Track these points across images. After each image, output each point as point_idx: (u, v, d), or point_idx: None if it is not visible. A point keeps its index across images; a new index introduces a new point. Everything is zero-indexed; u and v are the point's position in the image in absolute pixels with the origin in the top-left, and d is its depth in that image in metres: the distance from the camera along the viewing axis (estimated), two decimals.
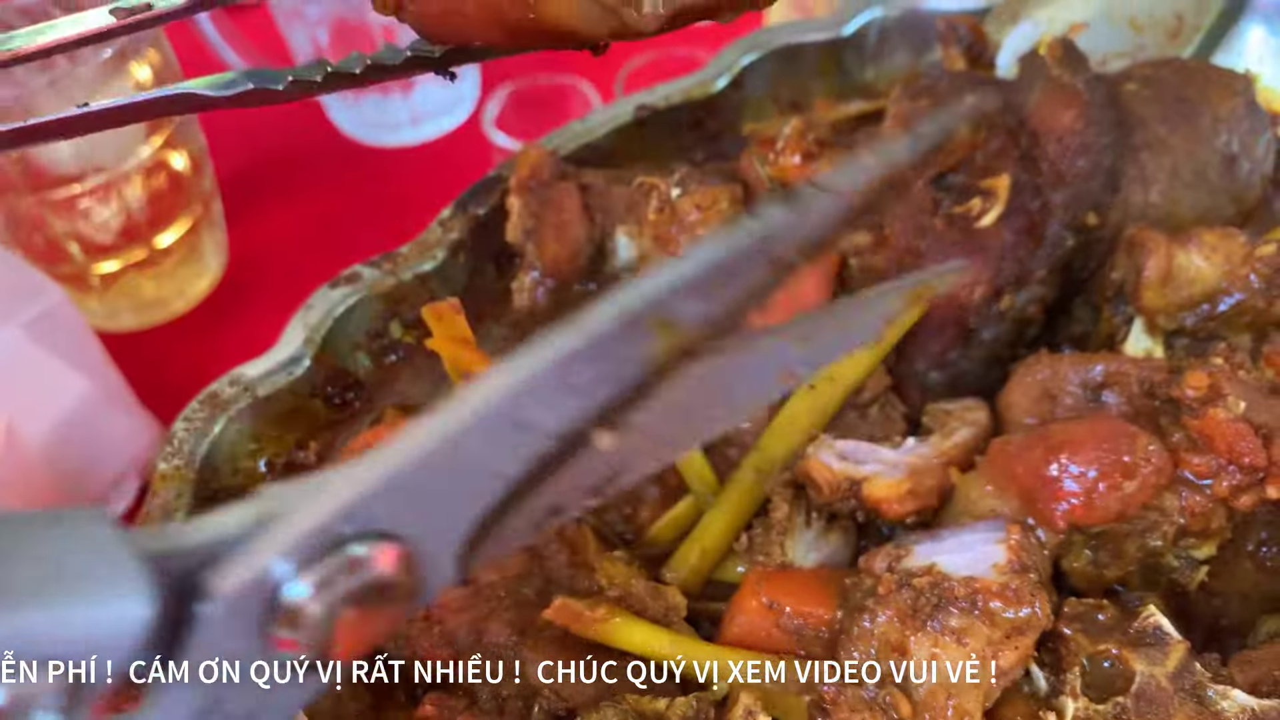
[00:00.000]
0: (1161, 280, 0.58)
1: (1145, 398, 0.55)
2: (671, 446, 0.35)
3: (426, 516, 0.28)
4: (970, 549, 0.50)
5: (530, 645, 0.50)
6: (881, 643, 0.49)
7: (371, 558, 0.27)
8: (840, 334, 0.38)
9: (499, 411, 0.28)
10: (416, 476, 0.27)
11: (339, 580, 0.26)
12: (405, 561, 0.27)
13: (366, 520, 0.27)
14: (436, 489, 0.28)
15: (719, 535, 0.56)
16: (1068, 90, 0.61)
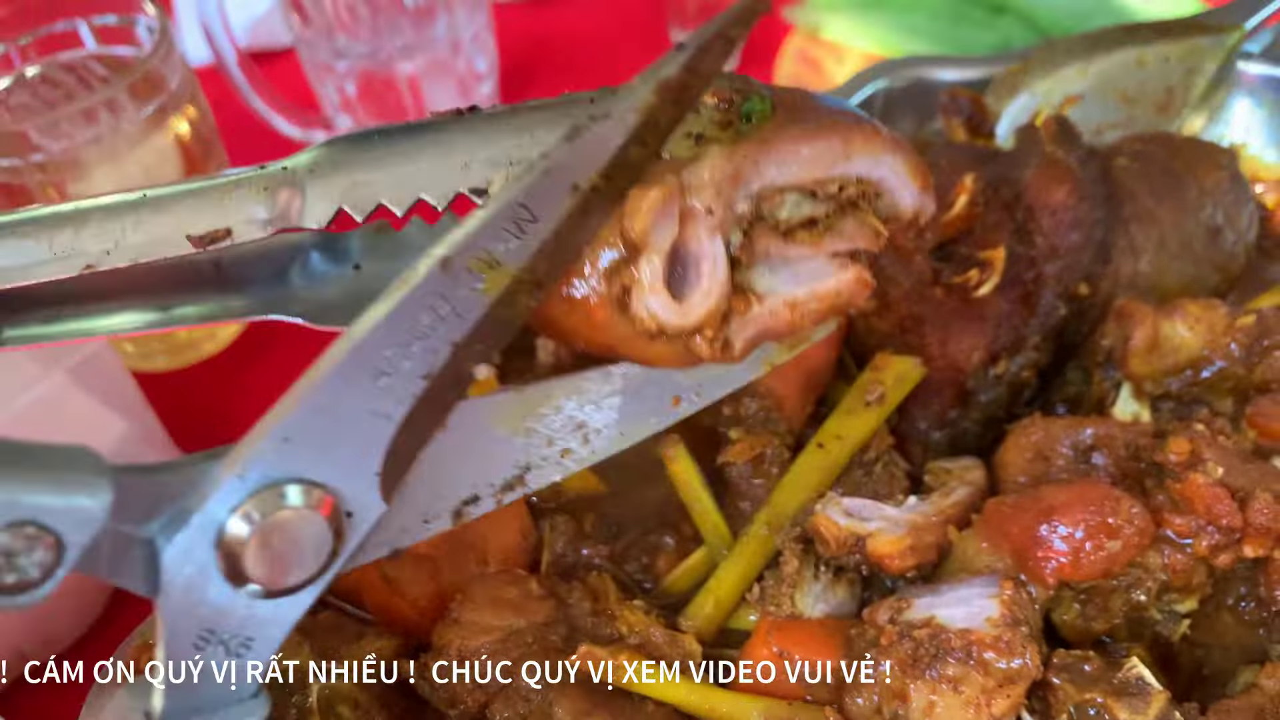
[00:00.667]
0: (1148, 349, 0.61)
1: (1131, 460, 0.59)
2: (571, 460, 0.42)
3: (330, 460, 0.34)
4: (967, 603, 0.54)
5: (558, 689, 0.54)
6: (884, 689, 0.53)
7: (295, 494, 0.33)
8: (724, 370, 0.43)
9: (352, 362, 0.34)
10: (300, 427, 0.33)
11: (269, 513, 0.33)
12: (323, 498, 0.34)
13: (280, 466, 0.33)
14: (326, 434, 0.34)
15: (732, 586, 0.60)
16: (1061, 167, 0.65)
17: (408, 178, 0.46)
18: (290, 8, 1.08)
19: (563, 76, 1.29)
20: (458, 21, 1.10)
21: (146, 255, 0.48)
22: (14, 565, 0.29)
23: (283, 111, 1.18)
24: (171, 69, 0.96)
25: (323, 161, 0.47)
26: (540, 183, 0.36)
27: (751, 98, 0.45)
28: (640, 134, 0.37)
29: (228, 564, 0.33)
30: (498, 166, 0.46)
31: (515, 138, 0.46)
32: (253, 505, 0.33)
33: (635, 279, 0.40)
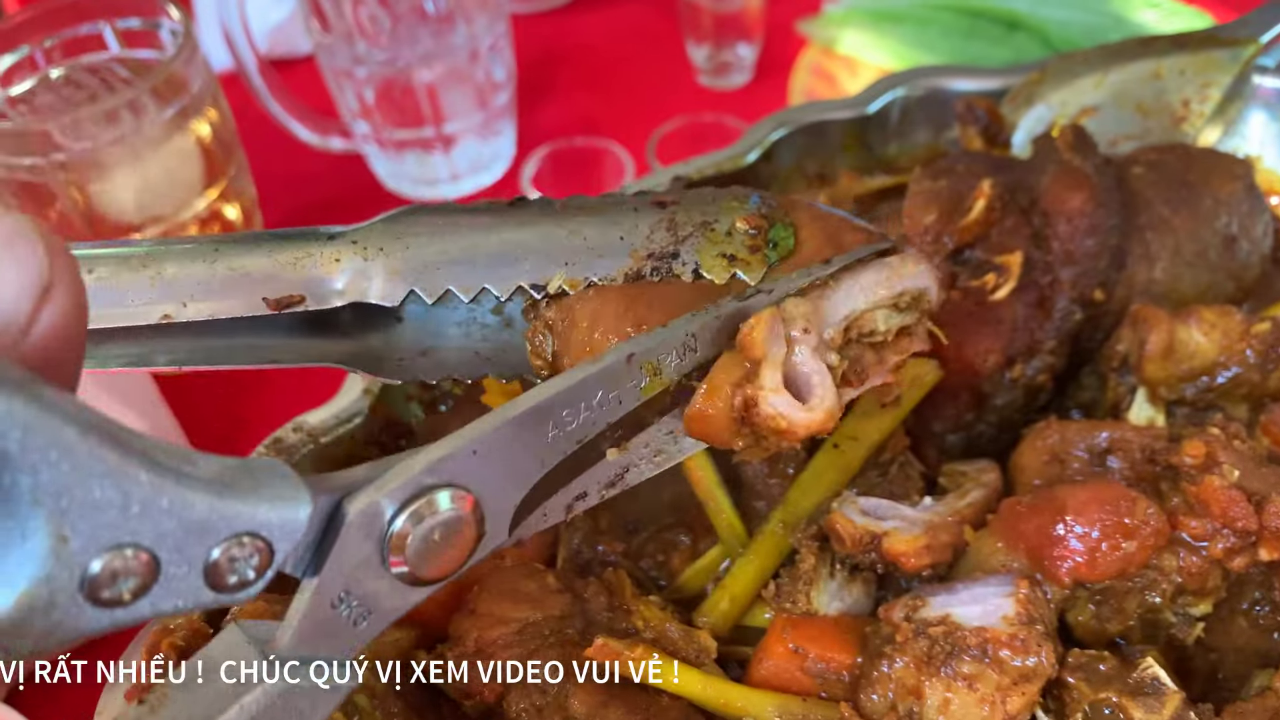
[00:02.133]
0: (1163, 354, 0.62)
1: (1146, 464, 0.59)
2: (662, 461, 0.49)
3: (490, 479, 0.40)
4: (982, 601, 0.54)
5: (574, 681, 0.54)
6: (899, 686, 0.53)
7: (452, 499, 0.39)
8: None
9: (542, 410, 0.41)
10: (482, 447, 0.39)
11: (429, 514, 0.38)
12: (474, 508, 0.40)
13: (449, 475, 0.39)
14: (497, 460, 0.40)
15: (748, 583, 0.60)
16: (1078, 174, 0.65)
17: (474, 268, 0.51)
18: (311, 14, 1.09)
19: (579, 87, 1.30)
20: (476, 31, 1.11)
21: (222, 313, 0.51)
22: (236, 569, 0.34)
23: (301, 118, 1.19)
24: (194, 72, 0.97)
25: (392, 241, 0.52)
26: (711, 324, 0.47)
27: (777, 226, 0.53)
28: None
29: (388, 552, 0.38)
30: (556, 265, 0.51)
31: (569, 240, 0.52)
32: (424, 504, 0.38)
33: (760, 387, 0.47)
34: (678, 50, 1.30)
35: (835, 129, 0.83)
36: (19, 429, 0.28)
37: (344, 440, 0.66)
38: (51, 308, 0.33)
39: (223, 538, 0.33)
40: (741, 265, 0.51)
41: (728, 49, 1.27)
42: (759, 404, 0.47)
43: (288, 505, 0.35)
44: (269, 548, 0.34)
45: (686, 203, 0.54)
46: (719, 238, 0.52)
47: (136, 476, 0.31)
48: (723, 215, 0.53)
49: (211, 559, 0.33)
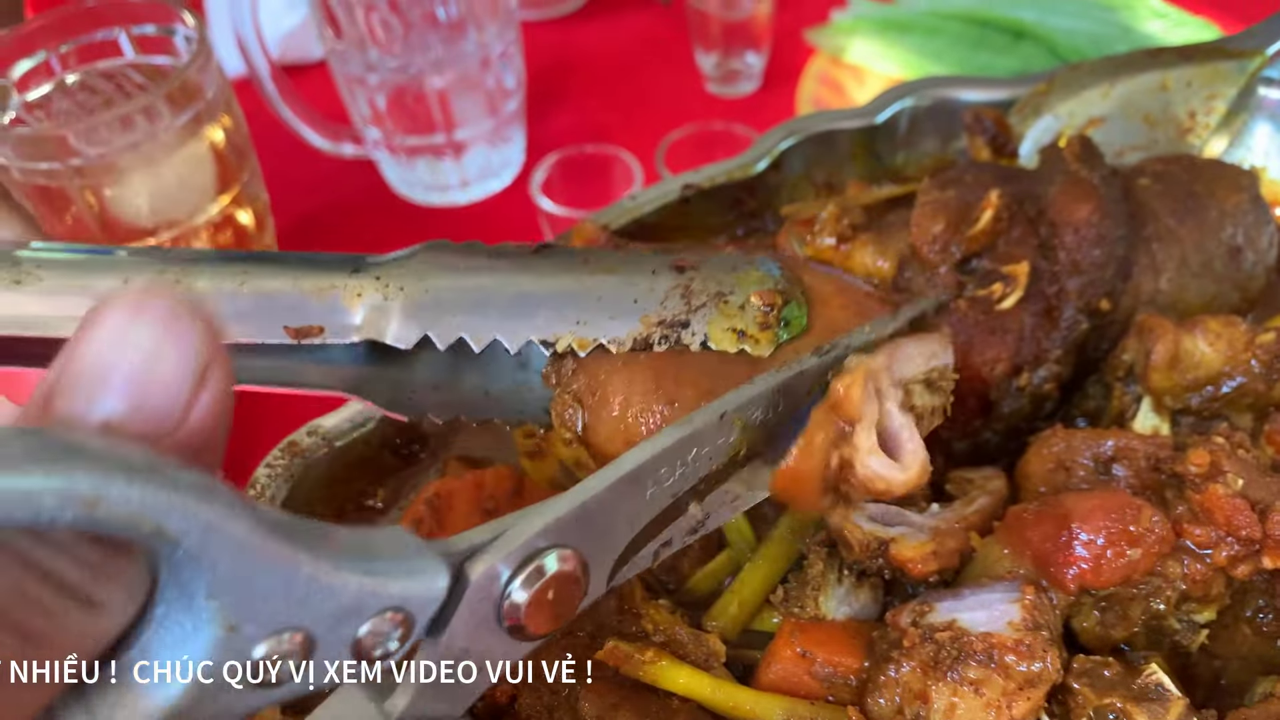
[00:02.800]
0: (1169, 363, 0.62)
1: (1151, 472, 0.59)
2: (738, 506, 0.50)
3: (594, 539, 0.42)
4: (988, 607, 0.55)
5: (585, 683, 0.55)
6: (905, 690, 0.54)
7: (562, 559, 0.41)
8: None
9: (645, 470, 0.43)
10: (590, 510, 0.41)
11: (539, 576, 0.40)
12: (582, 565, 0.42)
13: (558, 537, 0.41)
14: (601, 520, 0.42)
15: (756, 588, 0.61)
16: (1085, 185, 0.66)
17: (487, 318, 0.52)
18: (324, 21, 1.10)
19: (588, 95, 1.31)
20: (488, 38, 1.12)
21: (245, 338, 0.52)
22: (381, 643, 0.36)
23: (313, 123, 1.20)
24: (208, 78, 0.98)
25: (414, 281, 0.53)
26: (793, 380, 0.48)
27: (791, 304, 0.54)
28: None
29: (503, 609, 0.40)
30: (567, 324, 0.53)
31: (584, 298, 0.53)
32: (536, 566, 0.40)
33: (856, 448, 0.48)
34: (686, 58, 1.31)
35: (844, 138, 0.84)
36: (200, 530, 0.30)
37: (358, 444, 0.67)
38: (209, 390, 0.32)
39: (371, 614, 0.35)
40: (750, 342, 0.52)
41: (736, 57, 1.28)
42: (856, 466, 0.48)
43: (426, 578, 0.36)
44: (409, 619, 0.36)
45: (705, 269, 0.55)
46: (732, 311, 0.53)
47: (299, 567, 0.32)
48: (739, 287, 0.54)
49: (360, 634, 0.35)
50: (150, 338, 0.31)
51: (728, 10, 1.25)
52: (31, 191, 0.95)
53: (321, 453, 0.65)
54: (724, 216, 0.82)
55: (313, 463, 0.65)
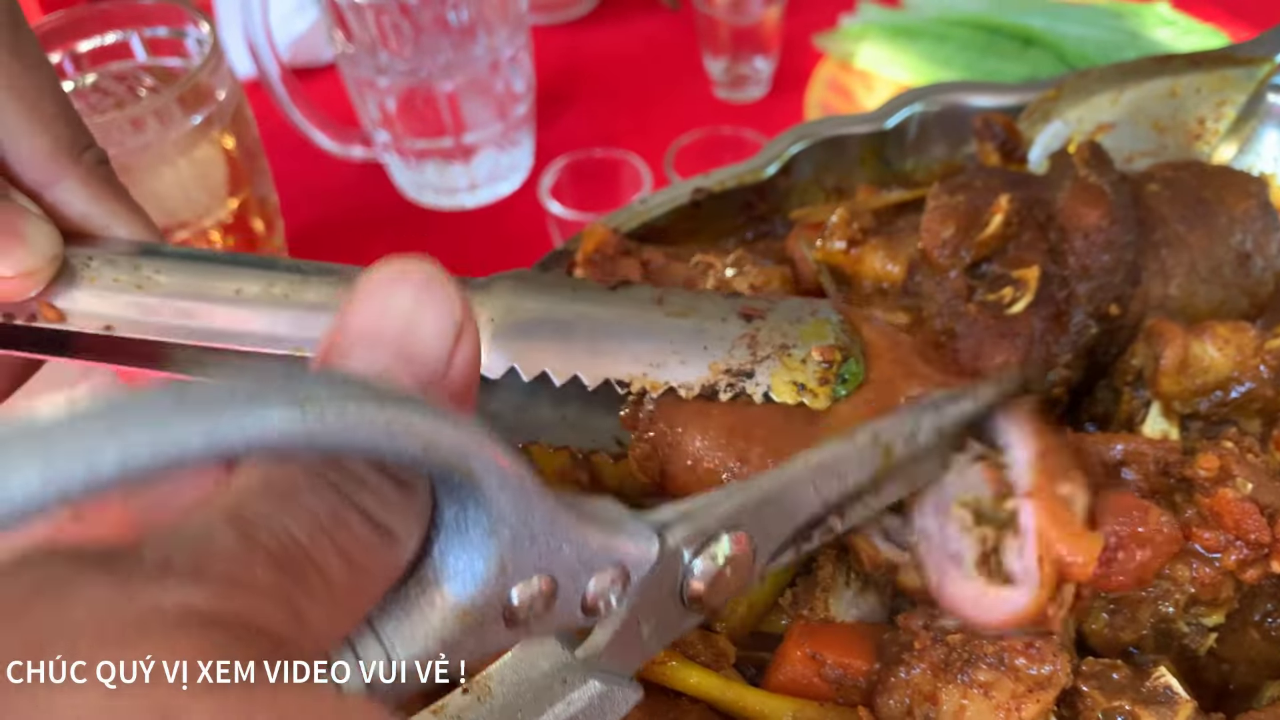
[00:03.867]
0: (1178, 368, 0.63)
1: (1160, 476, 0.60)
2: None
3: (761, 528, 0.45)
4: None
5: None
6: (916, 692, 0.54)
7: (735, 542, 0.43)
8: None
9: (804, 477, 0.46)
10: (764, 500, 0.45)
11: (719, 554, 0.43)
12: (752, 547, 0.44)
13: (733, 523, 0.43)
14: (770, 510, 0.45)
15: (765, 591, 0.61)
16: (1094, 190, 0.66)
17: (570, 355, 0.56)
18: (335, 24, 1.11)
19: (596, 99, 1.32)
20: (498, 42, 1.13)
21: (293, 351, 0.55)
22: (605, 596, 0.38)
23: (322, 127, 1.20)
24: (220, 81, 0.98)
25: (503, 312, 0.56)
26: (927, 419, 0.51)
27: (850, 361, 0.57)
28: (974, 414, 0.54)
29: (687, 581, 0.42)
30: (641, 365, 0.56)
31: (657, 342, 0.56)
32: (718, 544, 0.43)
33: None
34: (695, 63, 1.32)
35: (853, 143, 0.84)
36: (496, 472, 0.32)
37: None
38: (464, 347, 0.35)
39: (600, 569, 0.37)
40: (809, 395, 0.55)
41: (744, 62, 1.29)
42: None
43: (642, 541, 0.39)
44: (628, 577, 0.39)
45: (771, 319, 0.58)
46: (794, 364, 0.56)
47: (563, 515, 0.35)
48: (802, 341, 0.57)
49: (589, 587, 0.37)
50: (411, 300, 0.34)
51: (736, 15, 1.26)
52: None
53: None
54: (734, 220, 0.83)
55: None
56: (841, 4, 1.35)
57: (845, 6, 1.35)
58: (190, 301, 0.55)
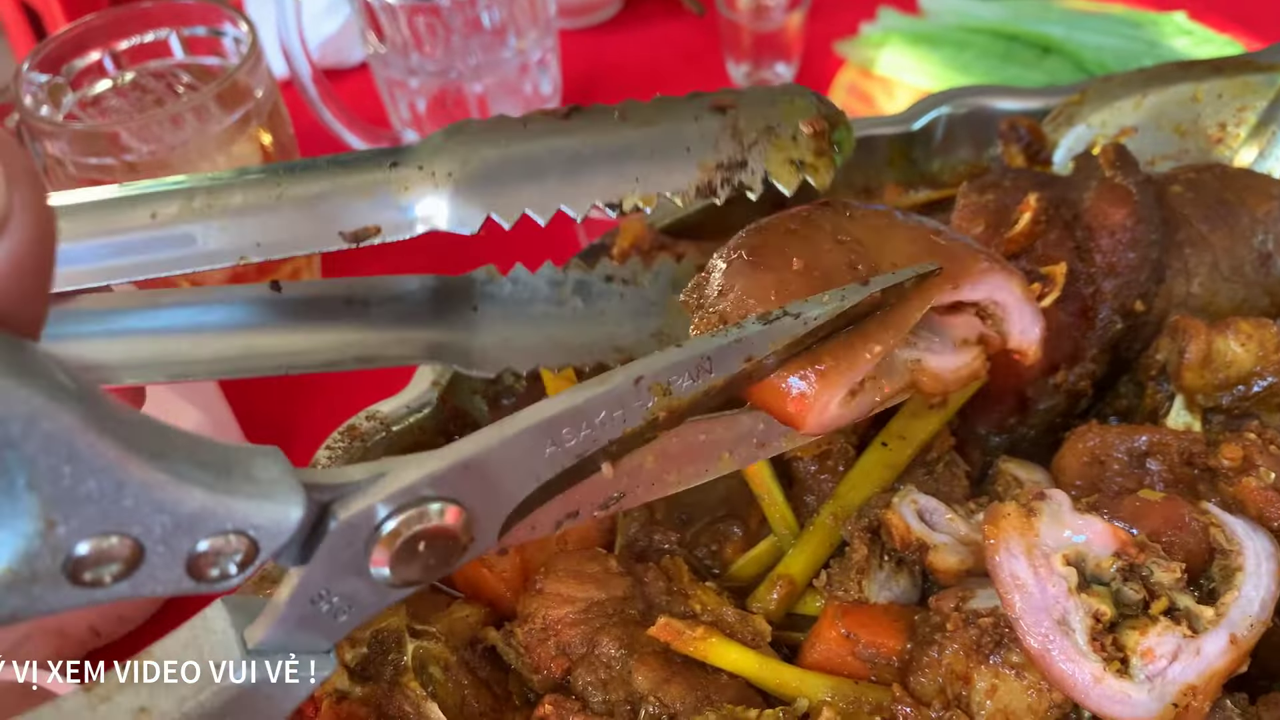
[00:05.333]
0: (1201, 363, 0.64)
1: (1184, 466, 0.61)
2: (659, 486, 0.49)
3: (482, 493, 0.40)
4: None
5: (637, 658, 0.57)
6: (948, 671, 0.55)
7: (441, 512, 0.39)
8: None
9: (541, 428, 0.41)
10: (478, 463, 0.40)
11: (417, 524, 0.38)
12: (464, 520, 0.40)
13: (443, 488, 0.39)
14: (491, 475, 0.40)
15: (800, 572, 0.63)
16: (1120, 190, 0.68)
17: (545, 189, 0.50)
18: (368, 25, 1.13)
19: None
20: (527, 45, 1.15)
21: (298, 250, 0.51)
22: (218, 563, 0.34)
23: (351, 126, 1.22)
24: (257, 80, 1.00)
25: (458, 164, 0.51)
26: (728, 348, 0.45)
27: (839, 128, 0.52)
28: (813, 332, 0.46)
29: (370, 554, 0.39)
30: (626, 182, 0.51)
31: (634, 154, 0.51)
32: (414, 514, 0.38)
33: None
34: (717, 68, 1.34)
35: (882, 143, 0.86)
36: (22, 418, 0.29)
37: (413, 429, 0.69)
38: (8, 242, 0.30)
39: (210, 533, 0.34)
40: (810, 171, 0.52)
41: (766, 68, 1.31)
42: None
43: (279, 506, 0.35)
44: (254, 545, 0.35)
45: (746, 106, 0.53)
46: (784, 143, 0.52)
47: (131, 472, 0.32)
48: (785, 119, 0.53)
49: (196, 550, 0.34)
50: None
51: (759, 21, 1.28)
52: (85, 184, 0.97)
53: (379, 437, 0.67)
54: (766, 216, 0.84)
55: (371, 446, 0.67)
56: (862, 11, 1.37)
57: (866, 14, 1.37)
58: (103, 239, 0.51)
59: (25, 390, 0.29)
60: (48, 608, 0.33)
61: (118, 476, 0.32)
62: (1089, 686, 0.51)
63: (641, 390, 0.43)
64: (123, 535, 0.32)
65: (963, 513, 0.61)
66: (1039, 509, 0.55)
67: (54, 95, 1.01)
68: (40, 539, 0.31)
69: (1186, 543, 0.55)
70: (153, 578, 0.34)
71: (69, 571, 0.32)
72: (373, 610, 0.40)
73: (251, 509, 0.34)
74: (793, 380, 0.47)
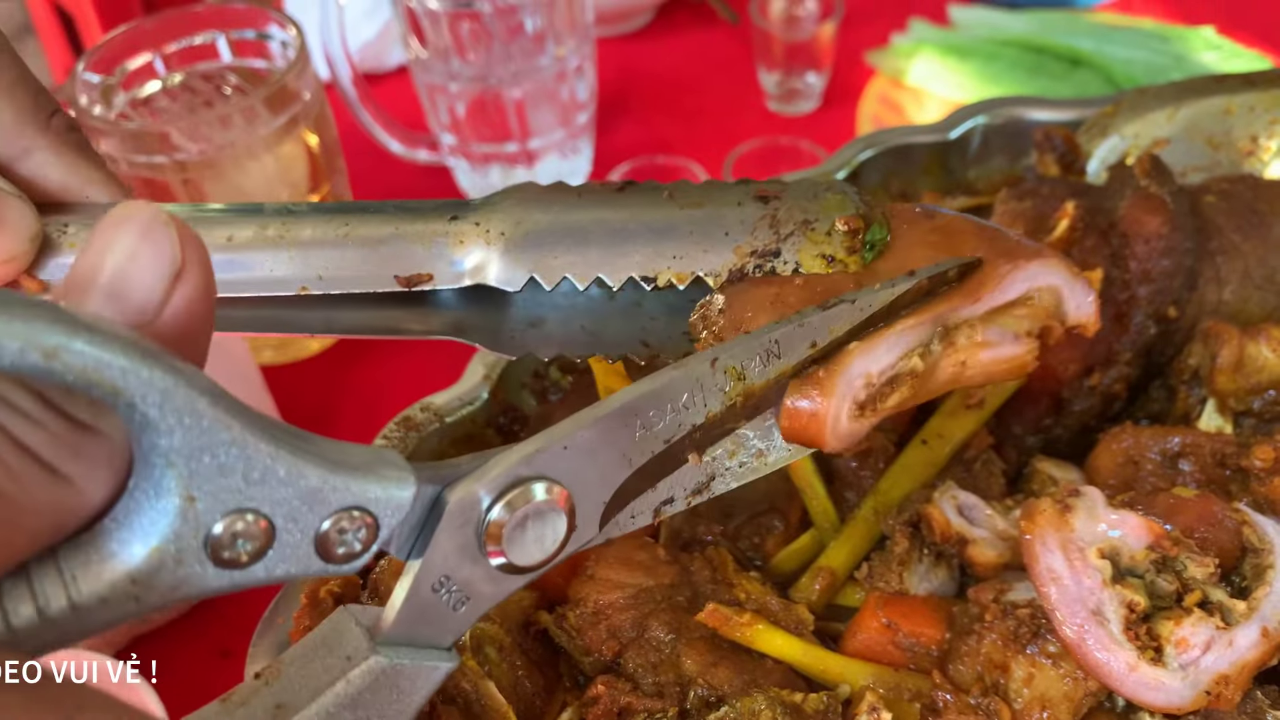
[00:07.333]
0: (1234, 367, 0.66)
1: (1217, 467, 0.63)
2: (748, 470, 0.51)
3: (581, 475, 0.42)
4: None
5: (685, 642, 0.59)
6: (986, 661, 0.57)
7: (547, 490, 0.41)
8: None
9: (629, 409, 0.43)
10: (575, 444, 0.42)
11: (524, 504, 0.40)
12: (566, 501, 0.42)
13: (542, 469, 0.41)
14: (587, 456, 0.42)
15: (841, 564, 0.65)
16: (1155, 199, 0.70)
17: (587, 259, 0.54)
18: (410, 30, 1.16)
19: (654, 109, 1.36)
20: (565, 51, 1.17)
21: (355, 288, 0.54)
22: (344, 541, 0.37)
23: (390, 129, 1.25)
24: (305, 83, 1.03)
25: (512, 225, 0.55)
26: (793, 333, 0.48)
27: (874, 227, 0.55)
28: (868, 320, 0.50)
29: (485, 539, 0.40)
30: (664, 259, 0.54)
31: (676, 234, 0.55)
32: (519, 494, 0.40)
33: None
34: (748, 76, 1.36)
35: (919, 152, 0.88)
36: (158, 395, 0.31)
37: (465, 421, 0.71)
38: (183, 289, 0.35)
39: (334, 510, 0.36)
40: (839, 266, 0.54)
41: (797, 76, 1.33)
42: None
43: (394, 485, 0.37)
44: (375, 523, 0.37)
45: (789, 198, 0.56)
46: (819, 238, 0.54)
47: (258, 446, 0.34)
48: (823, 214, 0.55)
49: (322, 529, 0.36)
50: (129, 243, 0.35)
51: (791, 31, 1.30)
52: (135, 182, 1.00)
53: (433, 427, 0.69)
54: None
55: (425, 436, 0.69)
56: (893, 22, 1.39)
57: (897, 24, 1.39)
58: None
59: (158, 371, 0.31)
60: (193, 590, 0.35)
61: (246, 452, 0.34)
62: (1124, 674, 0.53)
63: (718, 373, 0.46)
64: (255, 513, 0.34)
65: (1000, 509, 0.63)
66: (1074, 505, 0.56)
67: (106, 95, 1.04)
68: (182, 517, 0.33)
69: (1219, 539, 0.57)
70: (285, 558, 0.36)
71: (210, 551, 0.34)
72: (490, 601, 0.42)
73: (367, 486, 0.37)
74: (796, 402, 0.50)
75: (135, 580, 0.34)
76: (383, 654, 0.40)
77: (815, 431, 0.50)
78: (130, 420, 0.32)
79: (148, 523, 0.33)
